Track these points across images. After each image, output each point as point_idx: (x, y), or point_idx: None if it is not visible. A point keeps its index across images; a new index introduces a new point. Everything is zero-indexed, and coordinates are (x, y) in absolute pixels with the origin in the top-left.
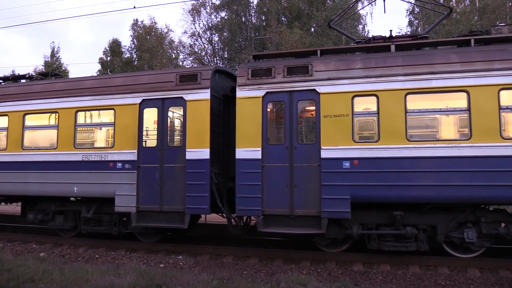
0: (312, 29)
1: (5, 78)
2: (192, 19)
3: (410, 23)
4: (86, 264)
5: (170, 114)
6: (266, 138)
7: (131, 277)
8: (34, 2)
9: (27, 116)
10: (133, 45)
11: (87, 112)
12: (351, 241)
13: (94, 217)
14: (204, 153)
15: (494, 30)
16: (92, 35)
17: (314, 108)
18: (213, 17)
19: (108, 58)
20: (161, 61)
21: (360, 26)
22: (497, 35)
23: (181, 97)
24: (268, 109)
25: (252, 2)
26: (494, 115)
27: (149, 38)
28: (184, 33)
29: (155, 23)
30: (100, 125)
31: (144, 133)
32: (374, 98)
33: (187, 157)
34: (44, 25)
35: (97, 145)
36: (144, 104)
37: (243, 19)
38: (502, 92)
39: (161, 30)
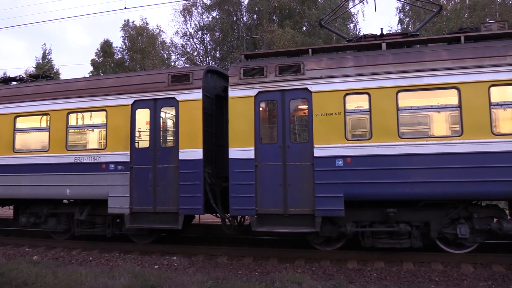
0: (304, 28)
1: None
2: (183, 19)
3: (401, 21)
4: (79, 266)
5: (162, 114)
6: (259, 138)
7: (125, 279)
8: (29, 2)
9: (18, 119)
10: (124, 46)
11: (78, 113)
12: (345, 239)
13: (87, 219)
14: (197, 153)
15: (483, 27)
16: (89, 38)
17: (307, 106)
18: (204, 17)
19: (100, 60)
20: (153, 62)
21: (352, 25)
22: (487, 32)
23: (173, 98)
24: (261, 109)
25: (243, 2)
26: (485, 112)
27: (140, 38)
28: (176, 33)
29: (147, 23)
30: (92, 127)
31: (137, 134)
32: (366, 96)
33: (180, 158)
34: (41, 28)
35: (89, 146)
36: (136, 105)
37: (235, 18)
38: (493, 89)
39: (153, 30)
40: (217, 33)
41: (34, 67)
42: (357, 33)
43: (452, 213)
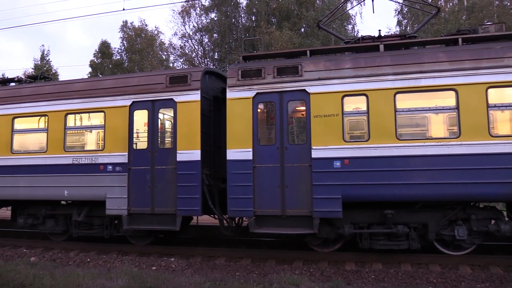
0: (302, 30)
1: None
2: (182, 20)
3: (399, 23)
4: (77, 268)
5: (160, 116)
6: (257, 139)
7: (123, 280)
8: (29, 3)
9: (16, 120)
10: (123, 47)
11: (76, 115)
12: (343, 240)
13: (85, 221)
14: (195, 154)
15: (481, 29)
16: (90, 39)
17: (305, 108)
18: (203, 18)
19: (99, 61)
20: (151, 63)
21: (350, 26)
22: (485, 34)
23: (171, 99)
24: (259, 110)
25: (242, 3)
26: (483, 113)
27: (139, 40)
28: (174, 34)
29: (146, 25)
30: (90, 128)
31: (135, 135)
32: (363, 97)
33: (178, 159)
34: (41, 29)
35: (87, 148)
36: (134, 106)
37: (233, 20)
38: (490, 90)
39: (151, 32)
40: (215, 35)
41: (32, 68)
42: (355, 34)
43: (450, 214)
